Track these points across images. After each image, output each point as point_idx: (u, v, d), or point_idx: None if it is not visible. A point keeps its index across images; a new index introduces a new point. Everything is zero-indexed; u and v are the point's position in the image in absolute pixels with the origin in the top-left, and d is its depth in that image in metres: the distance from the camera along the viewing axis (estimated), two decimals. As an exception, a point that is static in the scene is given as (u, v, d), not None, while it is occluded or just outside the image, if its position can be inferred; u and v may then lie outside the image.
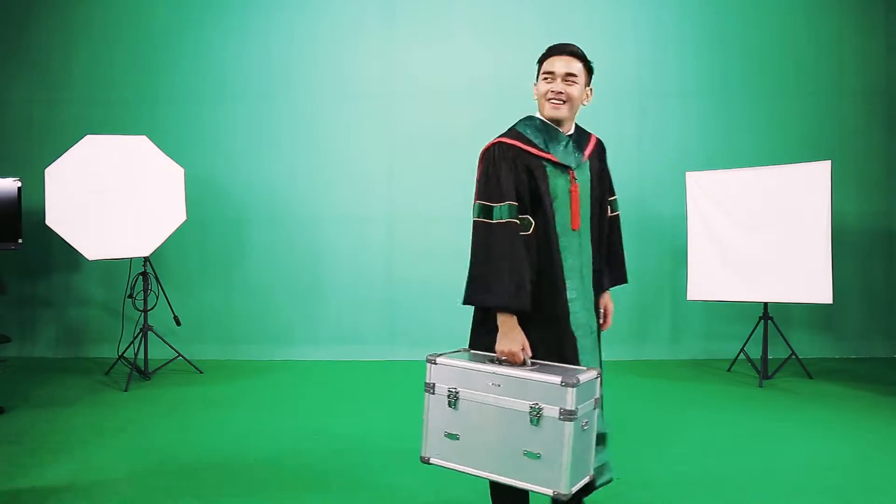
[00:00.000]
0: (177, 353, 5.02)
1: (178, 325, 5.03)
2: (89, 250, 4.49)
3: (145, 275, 4.82)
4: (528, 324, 1.99)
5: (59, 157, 4.52)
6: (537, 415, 1.83)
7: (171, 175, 4.86)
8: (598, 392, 1.96)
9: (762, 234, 4.75)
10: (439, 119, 5.66)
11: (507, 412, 1.89)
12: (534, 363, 1.97)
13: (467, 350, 2.14)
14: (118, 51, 5.70)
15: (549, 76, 2.04)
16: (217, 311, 5.65)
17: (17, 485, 2.82)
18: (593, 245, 2.13)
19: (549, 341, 2.02)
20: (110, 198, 4.62)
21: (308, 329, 5.64)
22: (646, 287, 5.53)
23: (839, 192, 5.38)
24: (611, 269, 2.28)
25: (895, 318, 5.66)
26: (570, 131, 2.12)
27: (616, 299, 2.34)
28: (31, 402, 4.17)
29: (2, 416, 3.83)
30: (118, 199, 4.64)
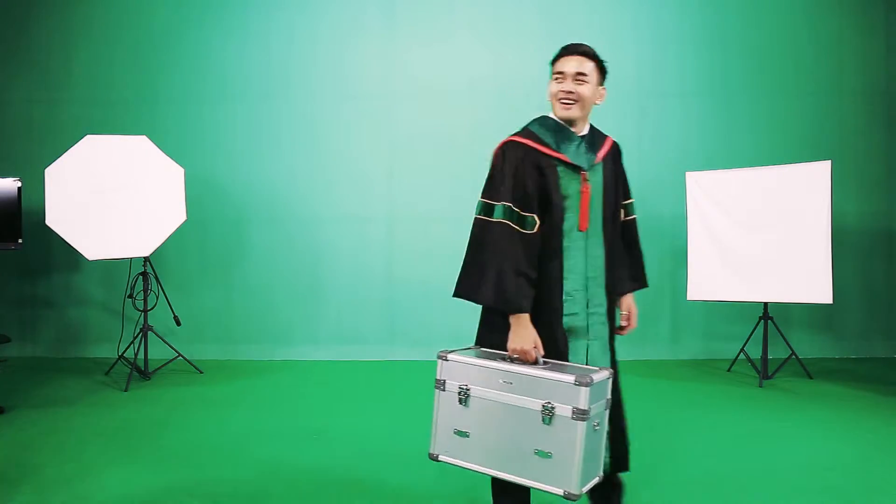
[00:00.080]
0: (177, 353, 5.02)
1: (178, 325, 5.03)
2: (89, 250, 4.49)
3: (145, 275, 4.82)
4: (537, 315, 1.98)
5: (59, 157, 4.52)
6: (549, 413, 1.82)
7: (171, 175, 4.86)
8: (609, 392, 1.95)
9: (762, 234, 4.75)
10: (439, 119, 5.66)
11: (519, 410, 1.87)
12: (546, 362, 1.96)
13: (477, 347, 2.12)
14: (118, 51, 5.70)
15: (560, 76, 2.04)
16: (217, 311, 5.65)
17: (17, 485, 2.82)
18: (605, 247, 2.11)
19: (542, 340, 2.02)
20: (110, 198, 4.62)
21: (308, 329, 5.64)
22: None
23: (839, 192, 5.38)
24: (630, 273, 2.28)
25: (895, 318, 5.66)
26: (584, 132, 2.11)
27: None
28: (31, 402, 4.17)
29: (2, 416, 3.84)
30: (118, 199, 4.65)
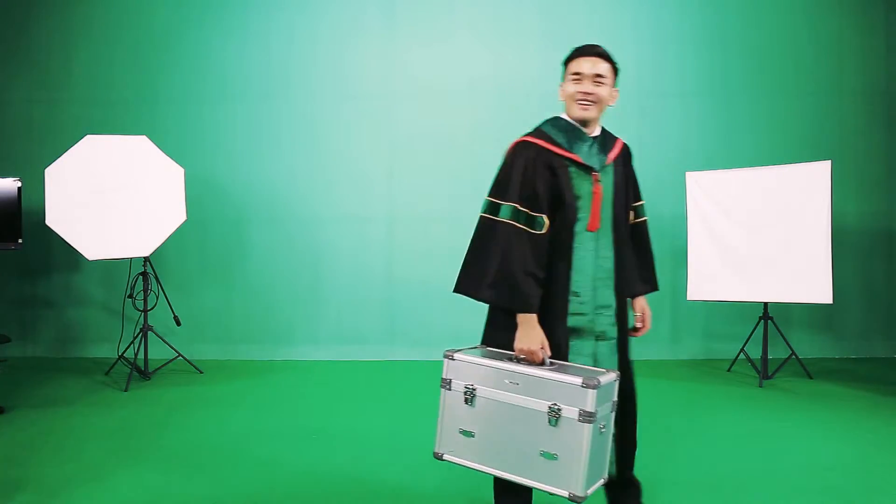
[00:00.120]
0: (177, 353, 5.02)
1: (178, 325, 5.03)
2: (89, 250, 4.49)
3: (145, 275, 4.82)
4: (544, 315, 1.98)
5: (59, 157, 4.52)
6: (556, 415, 1.81)
7: (171, 175, 4.86)
8: (616, 395, 1.95)
9: (762, 234, 4.74)
10: (439, 119, 5.66)
11: (525, 411, 1.87)
12: (552, 363, 1.95)
13: (483, 347, 2.11)
14: (118, 51, 5.70)
15: (578, 77, 2.04)
16: (217, 311, 5.65)
17: (18, 484, 2.82)
18: (615, 249, 2.11)
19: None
20: (110, 198, 4.62)
21: (308, 329, 5.64)
22: (646, 287, 5.53)
23: (839, 192, 5.38)
24: (640, 275, 2.28)
25: (895, 318, 5.67)
26: (596, 133, 2.12)
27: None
28: (31, 402, 4.17)
29: (2, 416, 3.84)
30: (118, 199, 4.64)
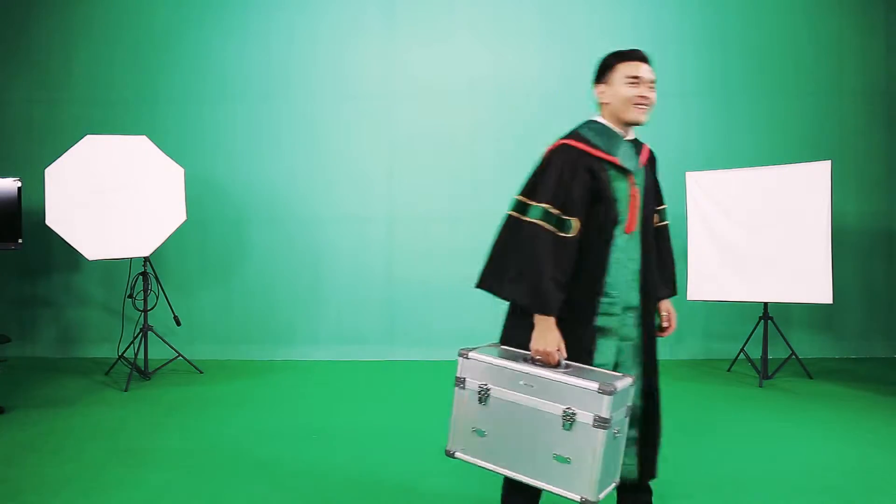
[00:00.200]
0: (177, 353, 5.02)
1: (178, 325, 5.03)
2: (89, 250, 4.49)
3: (145, 275, 4.82)
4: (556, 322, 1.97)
5: (59, 157, 4.52)
6: (570, 419, 1.80)
7: (171, 175, 4.86)
8: (631, 400, 1.94)
9: (762, 234, 4.75)
10: (439, 119, 5.66)
11: (539, 414, 1.86)
12: (568, 365, 1.94)
13: (497, 345, 2.10)
14: (118, 51, 5.70)
15: (635, 81, 2.05)
16: (217, 311, 5.65)
17: (18, 485, 2.82)
18: (642, 251, 2.12)
19: (571, 342, 2.00)
20: (110, 198, 4.62)
21: (308, 329, 5.64)
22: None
23: (839, 192, 5.38)
24: (662, 278, 2.28)
25: (895, 318, 5.66)
26: (631, 136, 2.14)
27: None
28: (31, 402, 4.17)
29: (2, 416, 3.84)
30: (118, 199, 4.64)
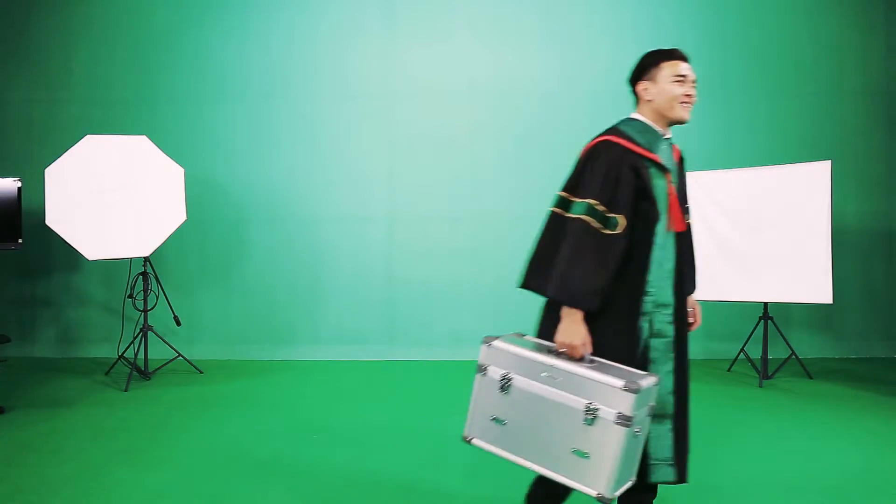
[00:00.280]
0: (177, 353, 5.02)
1: (178, 325, 5.03)
2: (89, 250, 4.49)
3: (145, 275, 4.82)
4: (598, 318, 1.96)
5: (59, 157, 4.52)
6: (592, 415, 1.79)
7: (171, 175, 4.86)
8: (654, 399, 1.93)
9: (762, 234, 4.75)
10: (439, 119, 5.66)
11: (561, 407, 1.85)
12: (592, 360, 1.92)
13: (521, 335, 2.10)
14: (118, 51, 5.70)
15: (682, 79, 2.08)
16: (217, 311, 5.65)
17: (18, 485, 2.82)
18: (676, 249, 2.12)
19: (613, 339, 1.98)
20: (110, 198, 4.62)
21: (308, 329, 5.64)
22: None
23: (839, 192, 5.39)
24: (689, 276, 2.27)
25: (895, 318, 5.67)
26: (669, 135, 2.15)
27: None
28: (31, 402, 4.17)
29: (2, 416, 3.84)
30: (118, 199, 4.65)
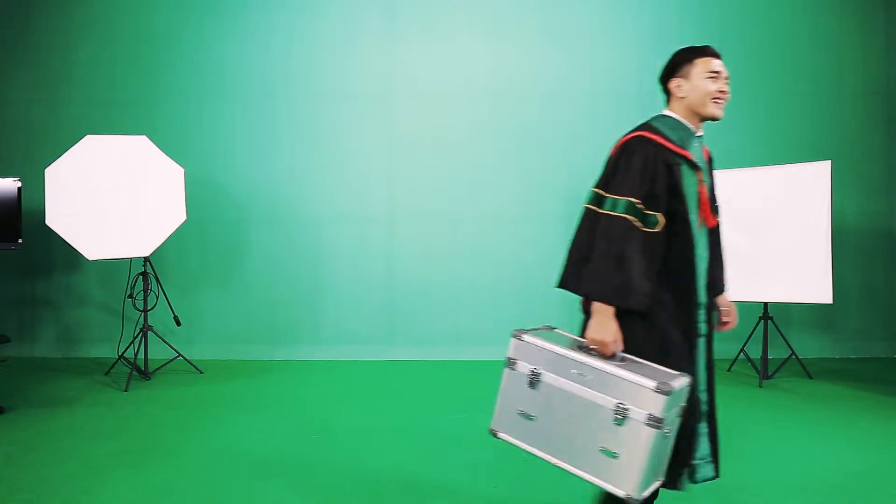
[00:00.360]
0: (177, 353, 5.02)
1: (178, 325, 5.03)
2: (89, 250, 4.50)
3: (145, 275, 4.83)
4: (627, 315, 1.92)
5: (59, 157, 4.52)
6: (622, 415, 1.77)
7: (171, 175, 4.86)
8: (685, 399, 1.91)
9: (762, 234, 4.75)
10: (439, 119, 5.66)
11: (591, 405, 1.82)
12: (623, 358, 1.90)
13: (551, 328, 2.09)
14: (118, 51, 5.70)
15: (715, 76, 2.05)
16: (217, 311, 5.65)
17: (17, 484, 2.82)
18: (710, 248, 2.12)
19: (644, 337, 1.95)
20: (110, 198, 4.63)
21: (308, 329, 5.64)
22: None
23: (839, 192, 5.39)
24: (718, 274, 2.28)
25: (895, 318, 5.67)
26: (700, 133, 2.14)
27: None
28: (31, 402, 4.17)
29: (2, 416, 3.84)
30: (118, 199, 4.65)
